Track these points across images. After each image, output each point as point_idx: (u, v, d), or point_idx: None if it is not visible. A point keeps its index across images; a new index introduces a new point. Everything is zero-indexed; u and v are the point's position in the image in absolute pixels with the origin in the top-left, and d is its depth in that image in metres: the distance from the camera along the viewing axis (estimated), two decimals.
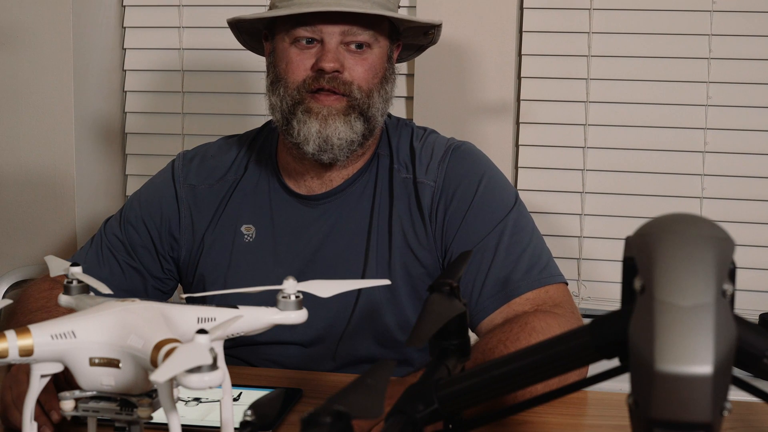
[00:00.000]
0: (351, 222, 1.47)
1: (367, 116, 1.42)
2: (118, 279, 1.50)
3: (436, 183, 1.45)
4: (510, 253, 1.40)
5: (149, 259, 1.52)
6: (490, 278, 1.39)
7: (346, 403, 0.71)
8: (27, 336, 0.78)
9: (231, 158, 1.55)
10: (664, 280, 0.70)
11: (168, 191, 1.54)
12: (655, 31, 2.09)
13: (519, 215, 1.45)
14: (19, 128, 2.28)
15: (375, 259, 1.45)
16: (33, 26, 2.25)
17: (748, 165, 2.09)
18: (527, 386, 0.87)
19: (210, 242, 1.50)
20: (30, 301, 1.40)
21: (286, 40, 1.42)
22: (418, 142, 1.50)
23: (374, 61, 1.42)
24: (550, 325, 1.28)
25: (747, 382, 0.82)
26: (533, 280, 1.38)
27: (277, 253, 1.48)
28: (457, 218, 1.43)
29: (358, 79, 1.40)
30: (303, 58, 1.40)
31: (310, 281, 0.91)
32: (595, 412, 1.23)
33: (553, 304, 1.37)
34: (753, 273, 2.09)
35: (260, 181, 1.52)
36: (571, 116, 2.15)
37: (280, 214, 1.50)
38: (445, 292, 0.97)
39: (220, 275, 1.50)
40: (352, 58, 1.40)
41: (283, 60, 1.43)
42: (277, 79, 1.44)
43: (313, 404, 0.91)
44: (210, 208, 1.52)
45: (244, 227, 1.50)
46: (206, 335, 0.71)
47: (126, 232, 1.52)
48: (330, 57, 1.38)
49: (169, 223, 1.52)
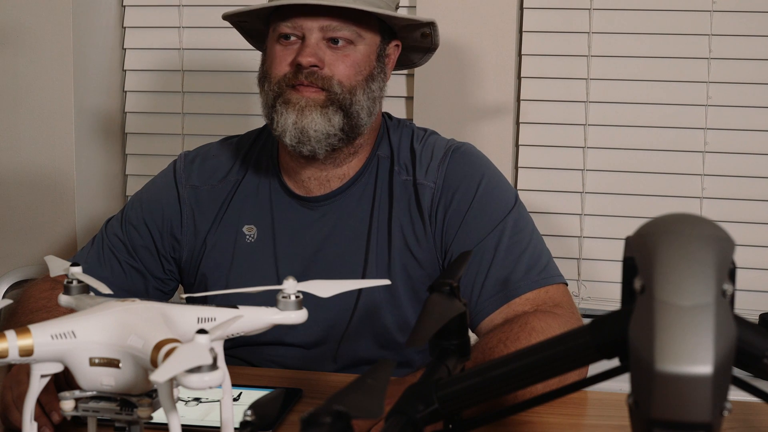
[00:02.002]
0: (351, 224, 1.47)
1: (349, 112, 1.41)
2: (119, 279, 1.50)
3: (436, 184, 1.45)
4: (510, 254, 1.40)
5: (150, 259, 1.52)
6: (489, 279, 1.39)
7: (346, 403, 0.71)
8: (27, 336, 0.78)
9: (233, 159, 1.55)
10: (664, 280, 0.70)
11: (170, 192, 1.54)
12: (655, 31, 2.09)
13: (519, 216, 1.45)
14: (19, 128, 2.28)
15: (375, 261, 1.45)
16: (33, 26, 2.24)
17: (748, 165, 2.09)
18: (527, 386, 0.87)
19: (212, 243, 1.50)
20: (31, 301, 1.40)
21: (272, 37, 1.44)
22: (419, 144, 1.50)
23: (357, 58, 1.41)
24: (550, 325, 1.28)
25: (747, 382, 0.82)
26: (533, 281, 1.38)
27: (278, 253, 1.48)
28: (456, 219, 1.43)
29: (339, 74, 1.39)
30: (285, 54, 1.41)
31: (310, 281, 0.91)
32: (595, 412, 1.23)
33: (553, 304, 1.37)
34: (753, 273, 2.09)
35: (261, 181, 1.52)
36: (571, 116, 2.15)
37: (280, 215, 1.50)
38: (445, 292, 0.97)
39: (221, 275, 1.50)
40: (333, 53, 1.40)
41: (269, 56, 1.44)
42: (264, 75, 1.45)
43: (313, 404, 0.91)
44: (212, 209, 1.52)
45: (245, 228, 1.50)
46: (206, 335, 0.71)
47: (127, 233, 1.52)
48: (307, 52, 1.38)
49: (171, 224, 1.52)
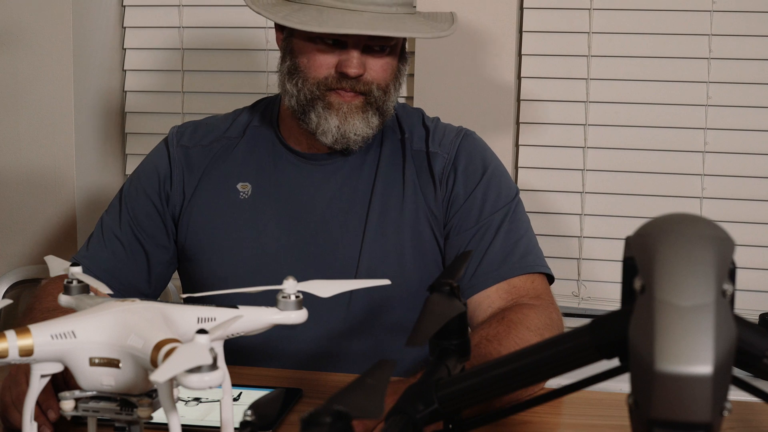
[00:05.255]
0: (354, 182, 1.49)
1: (383, 110, 1.45)
2: (121, 261, 1.50)
3: (449, 155, 1.50)
4: (509, 236, 1.45)
5: (152, 226, 1.52)
6: (487, 257, 1.43)
7: (346, 403, 0.71)
8: (27, 336, 0.78)
9: (227, 123, 1.58)
10: (664, 280, 0.70)
11: (162, 156, 1.56)
12: (655, 31, 2.09)
13: (519, 205, 1.51)
14: (19, 128, 2.28)
15: (376, 221, 1.47)
16: (33, 26, 2.24)
17: (748, 165, 2.09)
18: (527, 386, 0.87)
19: (201, 200, 1.51)
20: (48, 300, 1.39)
21: (305, 33, 1.42)
22: (431, 123, 1.55)
23: (393, 62, 1.46)
24: (527, 315, 1.32)
25: (747, 382, 0.82)
26: (527, 265, 1.43)
27: (275, 209, 1.49)
28: (465, 191, 1.47)
29: (378, 78, 1.43)
30: (325, 57, 1.41)
31: (310, 281, 0.91)
32: (595, 412, 1.23)
33: (535, 295, 1.41)
34: (753, 273, 2.09)
35: (260, 141, 1.54)
36: (571, 116, 2.15)
37: (281, 171, 1.51)
38: (445, 292, 0.97)
39: (210, 232, 1.50)
40: (373, 60, 1.42)
41: (304, 54, 1.43)
42: (295, 69, 1.44)
43: (313, 404, 0.91)
44: (201, 167, 1.53)
45: (239, 185, 1.51)
46: (206, 335, 0.71)
47: (127, 207, 1.53)
48: (355, 63, 1.40)
49: (164, 184, 1.53)
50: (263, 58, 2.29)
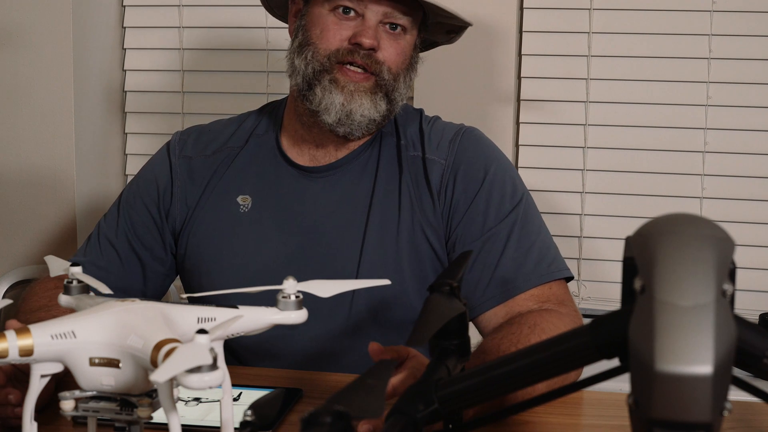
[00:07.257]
0: (352, 195, 1.47)
1: (391, 98, 1.43)
2: (116, 268, 1.50)
3: (447, 161, 1.46)
4: (520, 246, 1.40)
5: (149, 236, 1.51)
6: (499, 270, 1.39)
7: (346, 403, 0.71)
8: (27, 336, 0.78)
9: (230, 132, 1.56)
10: (664, 280, 0.70)
11: (163, 165, 1.54)
12: (655, 31, 2.09)
13: (528, 204, 1.46)
14: (19, 128, 2.28)
15: (374, 234, 1.45)
16: (33, 26, 2.25)
17: (748, 165, 2.09)
18: (527, 386, 0.87)
19: (203, 213, 1.50)
20: (33, 300, 1.40)
21: (325, 6, 1.41)
22: (427, 125, 1.52)
23: (405, 46, 1.44)
24: (558, 327, 1.28)
25: (747, 382, 0.82)
26: (541, 275, 1.38)
27: (274, 223, 1.48)
28: (466, 199, 1.43)
29: (389, 60, 1.41)
30: (340, 28, 1.40)
31: (310, 281, 0.91)
32: (595, 412, 1.23)
33: (558, 301, 1.37)
34: (753, 273, 2.09)
35: (260, 152, 1.52)
36: (571, 116, 2.15)
37: (280, 184, 1.50)
38: (445, 292, 0.97)
39: (210, 246, 1.49)
40: (387, 38, 1.41)
41: (318, 25, 1.42)
42: (307, 43, 1.43)
43: (313, 404, 0.91)
44: (204, 179, 1.52)
45: (240, 198, 1.50)
46: (206, 335, 0.71)
47: (125, 214, 1.52)
48: (371, 33, 1.38)
49: (164, 194, 1.52)
50: (263, 58, 2.29)
